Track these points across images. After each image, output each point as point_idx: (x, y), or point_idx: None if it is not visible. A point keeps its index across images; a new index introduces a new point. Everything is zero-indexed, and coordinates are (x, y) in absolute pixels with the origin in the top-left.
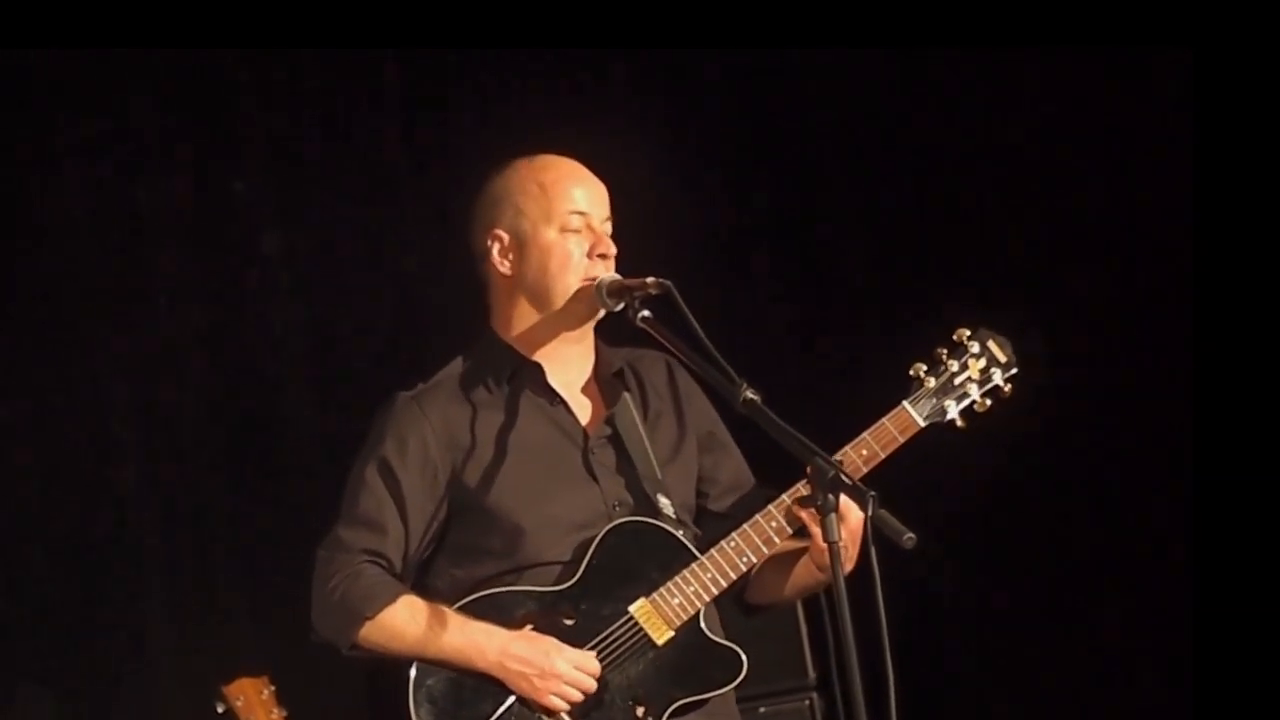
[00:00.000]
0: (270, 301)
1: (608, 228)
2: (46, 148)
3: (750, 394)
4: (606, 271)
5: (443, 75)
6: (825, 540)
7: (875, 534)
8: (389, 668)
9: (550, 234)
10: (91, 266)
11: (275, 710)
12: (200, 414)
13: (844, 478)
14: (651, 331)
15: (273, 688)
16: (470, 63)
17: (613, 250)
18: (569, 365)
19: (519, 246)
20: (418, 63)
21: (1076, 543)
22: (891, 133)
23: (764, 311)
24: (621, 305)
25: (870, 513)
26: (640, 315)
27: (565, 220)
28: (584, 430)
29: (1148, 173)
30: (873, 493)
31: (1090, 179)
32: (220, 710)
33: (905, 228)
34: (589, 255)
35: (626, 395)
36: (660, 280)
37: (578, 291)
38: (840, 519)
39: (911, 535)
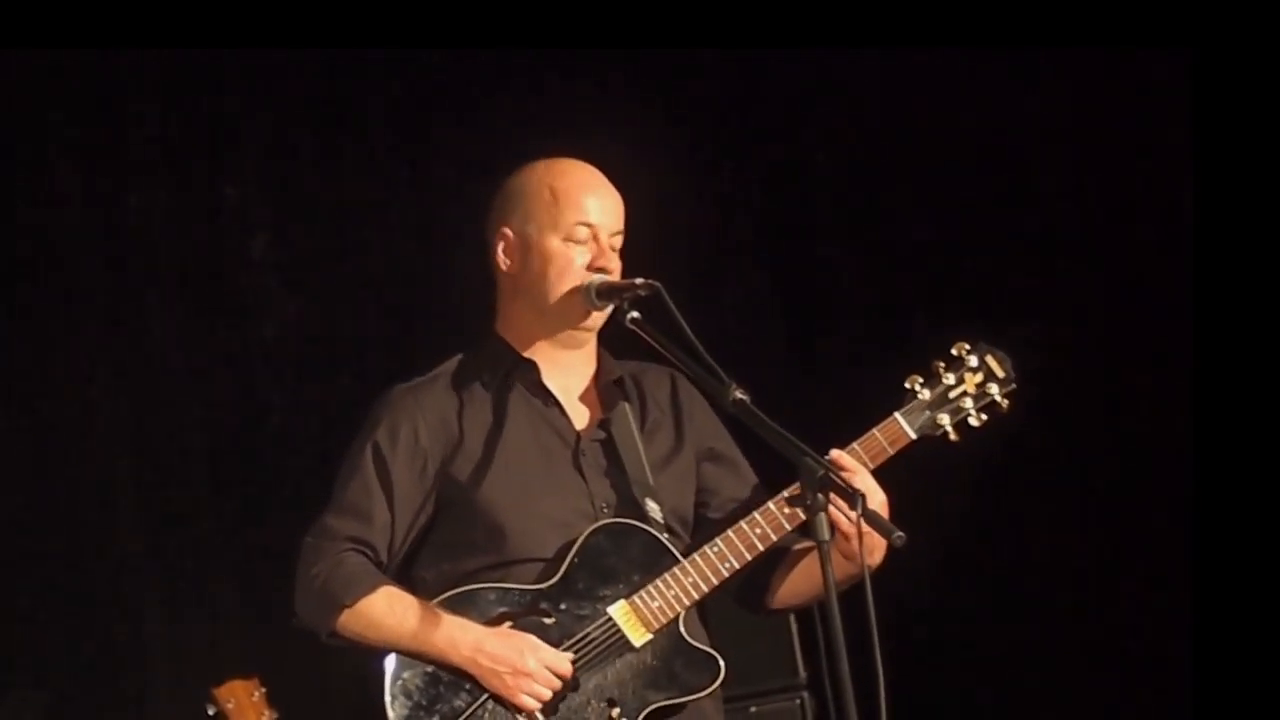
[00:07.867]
0: (261, 307)
1: (616, 242)
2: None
3: (739, 394)
4: None
5: (435, 77)
6: (816, 540)
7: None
8: (372, 661)
9: (554, 242)
10: (82, 272)
11: (266, 712)
12: (192, 420)
13: (833, 477)
14: (640, 333)
15: (263, 690)
16: (461, 64)
17: (615, 266)
18: (569, 370)
19: (523, 248)
20: (410, 64)
21: (1069, 541)
22: (889, 132)
23: (756, 316)
24: (611, 307)
25: (859, 512)
26: (629, 316)
27: (571, 230)
28: (576, 432)
29: (1147, 173)
30: (862, 492)
31: (1089, 179)
32: (211, 712)
33: (901, 227)
34: (589, 267)
35: (625, 404)
36: (649, 281)
37: (569, 291)
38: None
39: (901, 534)
